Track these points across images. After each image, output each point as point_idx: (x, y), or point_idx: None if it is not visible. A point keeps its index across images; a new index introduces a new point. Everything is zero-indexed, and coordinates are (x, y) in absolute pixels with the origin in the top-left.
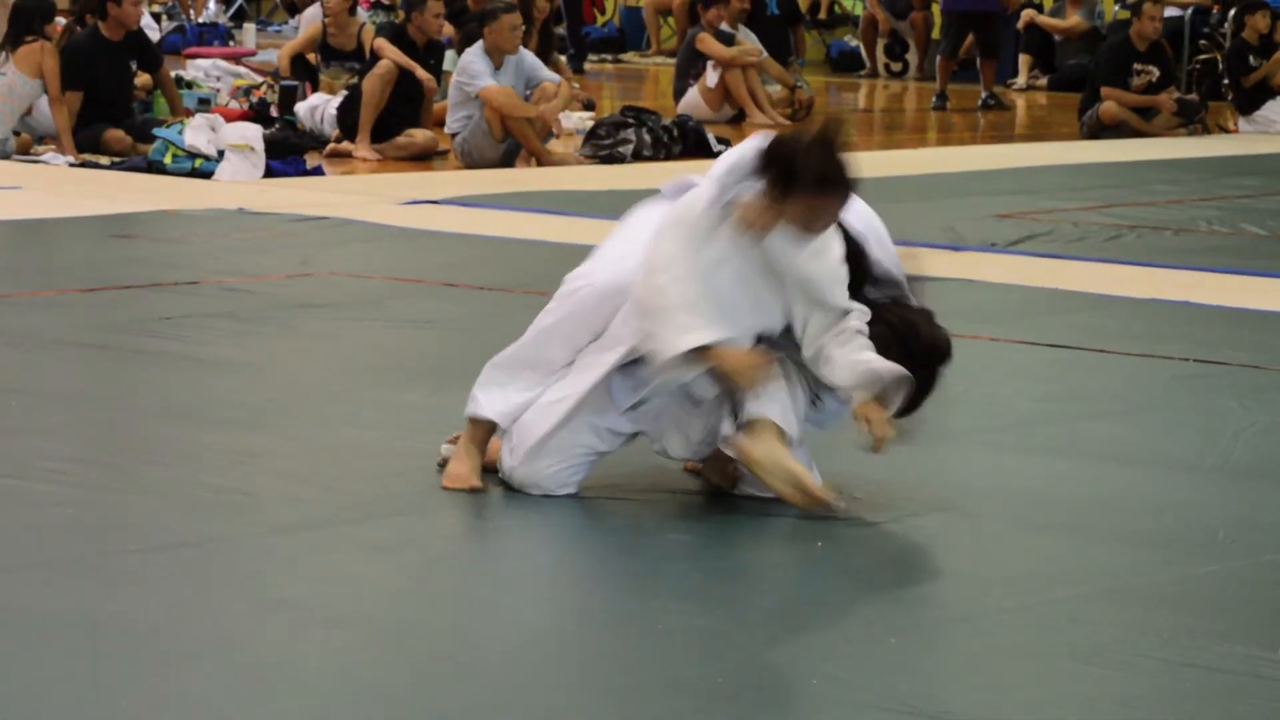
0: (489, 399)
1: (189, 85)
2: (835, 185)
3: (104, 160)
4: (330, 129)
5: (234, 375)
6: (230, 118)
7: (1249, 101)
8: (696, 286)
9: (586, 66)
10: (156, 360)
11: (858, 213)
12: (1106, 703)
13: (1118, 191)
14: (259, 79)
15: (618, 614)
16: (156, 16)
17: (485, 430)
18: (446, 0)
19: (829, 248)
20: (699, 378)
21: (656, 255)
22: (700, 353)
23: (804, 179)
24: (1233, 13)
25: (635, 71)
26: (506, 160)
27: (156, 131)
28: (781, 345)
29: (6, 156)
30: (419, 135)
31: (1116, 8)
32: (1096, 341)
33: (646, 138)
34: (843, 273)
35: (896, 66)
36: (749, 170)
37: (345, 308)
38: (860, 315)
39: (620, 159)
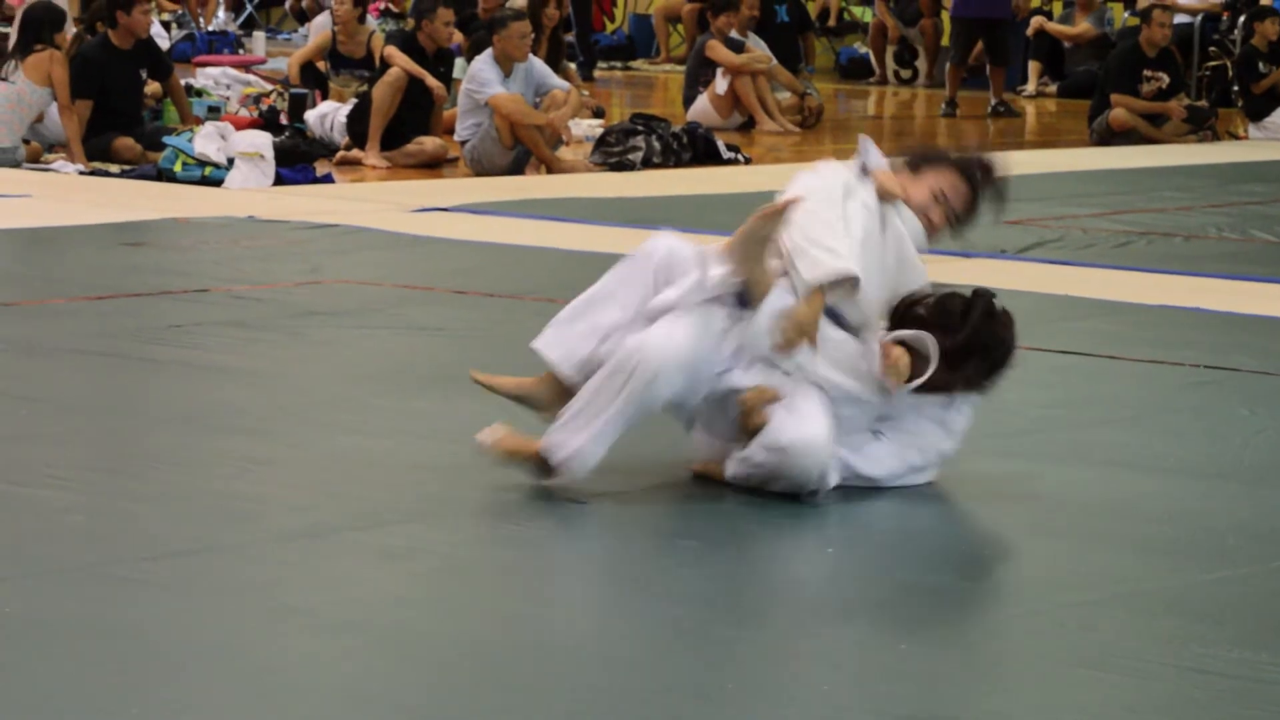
0: (552, 339)
1: (199, 93)
2: (971, 169)
3: (114, 168)
4: (340, 137)
5: (243, 383)
6: (240, 126)
7: (1259, 108)
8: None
9: (596, 74)
10: (165, 368)
11: None
12: (1115, 708)
13: (1127, 198)
14: (269, 87)
15: (628, 620)
16: (166, 25)
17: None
18: (456, 8)
19: (920, 262)
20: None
21: (806, 189)
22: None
23: (944, 156)
24: (1242, 19)
25: (644, 79)
26: (516, 168)
27: (166, 139)
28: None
29: (16, 165)
30: (429, 143)
31: (1126, 14)
32: (1106, 348)
33: (656, 145)
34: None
35: (906, 74)
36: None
37: (355, 315)
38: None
39: (630, 166)
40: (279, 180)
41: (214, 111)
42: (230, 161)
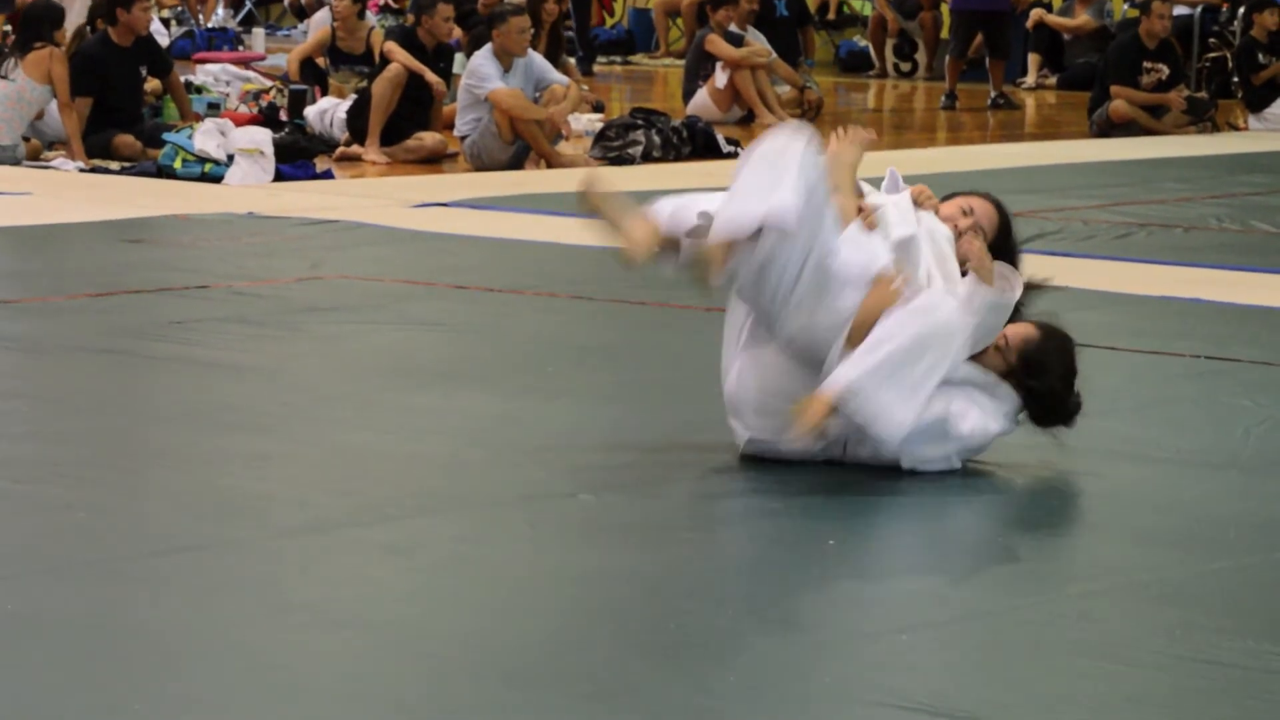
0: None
1: (198, 90)
2: (1001, 203)
3: (114, 165)
4: (340, 133)
5: (245, 379)
6: (240, 122)
7: (1258, 99)
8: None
9: (595, 68)
10: (167, 365)
11: None
12: (1117, 699)
13: (1127, 189)
14: (268, 83)
15: (631, 614)
16: (166, 22)
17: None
18: (455, 3)
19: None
20: None
21: None
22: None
23: (977, 191)
24: (1242, 10)
25: (644, 73)
26: (516, 162)
27: (166, 136)
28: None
29: (17, 162)
30: (428, 138)
31: (1125, 6)
32: (1107, 339)
33: (655, 139)
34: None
35: (905, 66)
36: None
37: (355, 311)
38: None
39: (629, 160)
40: (279, 176)
41: (214, 108)
42: (230, 158)
